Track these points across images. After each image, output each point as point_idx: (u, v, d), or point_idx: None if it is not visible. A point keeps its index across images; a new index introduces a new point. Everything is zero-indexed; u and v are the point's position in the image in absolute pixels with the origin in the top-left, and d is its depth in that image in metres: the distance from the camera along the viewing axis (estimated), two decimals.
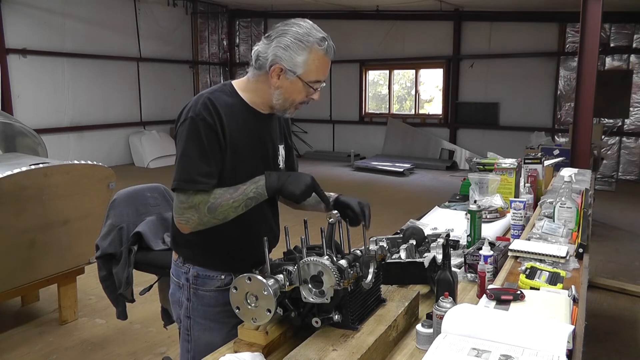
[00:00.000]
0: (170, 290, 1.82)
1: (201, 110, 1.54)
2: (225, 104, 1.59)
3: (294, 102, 1.63)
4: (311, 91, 1.63)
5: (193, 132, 1.53)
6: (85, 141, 10.18)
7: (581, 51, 4.80)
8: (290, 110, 1.66)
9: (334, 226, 1.48)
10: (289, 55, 1.55)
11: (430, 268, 1.75)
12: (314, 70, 1.58)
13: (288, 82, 1.58)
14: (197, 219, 1.54)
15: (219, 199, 1.53)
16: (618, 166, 9.60)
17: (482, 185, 2.70)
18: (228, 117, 1.58)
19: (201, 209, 1.52)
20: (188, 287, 1.71)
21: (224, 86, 1.68)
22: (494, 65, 10.59)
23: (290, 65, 1.56)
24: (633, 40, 9.31)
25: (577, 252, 1.92)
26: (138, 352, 3.32)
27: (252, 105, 1.66)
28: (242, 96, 1.65)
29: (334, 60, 1.64)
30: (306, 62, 1.56)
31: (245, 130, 1.63)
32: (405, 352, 1.42)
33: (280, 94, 1.61)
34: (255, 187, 1.55)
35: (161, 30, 11.65)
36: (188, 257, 1.72)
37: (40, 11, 9.34)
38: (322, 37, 1.57)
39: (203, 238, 1.65)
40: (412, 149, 11.40)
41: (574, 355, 1.21)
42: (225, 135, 1.57)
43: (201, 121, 1.53)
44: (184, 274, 1.72)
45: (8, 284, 3.25)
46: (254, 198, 1.56)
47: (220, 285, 1.69)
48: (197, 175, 1.52)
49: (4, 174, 3.07)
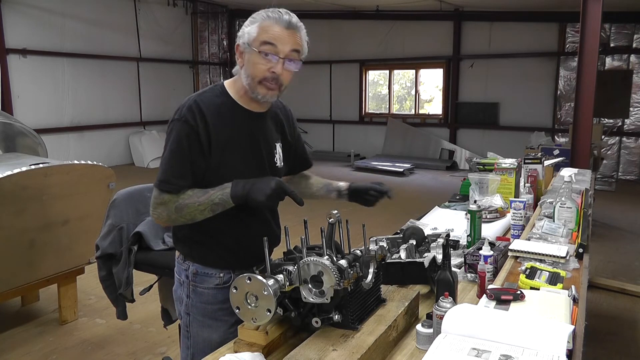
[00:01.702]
0: (174, 286, 1.84)
1: (185, 113, 1.57)
2: (212, 105, 1.61)
3: (255, 76, 1.59)
4: (267, 60, 1.57)
5: (174, 134, 1.58)
6: (85, 141, 10.18)
7: (581, 51, 4.80)
8: (259, 90, 1.61)
9: (334, 226, 1.48)
10: (242, 32, 1.60)
11: (430, 268, 1.75)
12: (262, 34, 1.57)
13: (247, 56, 1.60)
14: (166, 216, 1.60)
15: (187, 200, 1.58)
16: (618, 166, 9.60)
17: (482, 185, 2.70)
18: (215, 117, 1.59)
19: (170, 207, 1.58)
20: (188, 284, 1.73)
21: (215, 87, 1.69)
22: (494, 65, 10.59)
23: (243, 40, 1.59)
24: (633, 40, 9.31)
25: (577, 252, 1.92)
26: (138, 352, 3.32)
27: (242, 104, 1.67)
28: (232, 95, 1.67)
29: (334, 60, 1.64)
30: (255, 30, 1.57)
31: (235, 130, 1.64)
32: (405, 352, 1.42)
33: (244, 73, 1.62)
34: (221, 194, 1.57)
35: (161, 30, 11.65)
36: (187, 254, 1.74)
37: (40, 11, 9.34)
38: (273, 10, 1.59)
39: (201, 235, 1.68)
40: (412, 149, 11.40)
41: (574, 355, 1.21)
42: (211, 137, 1.58)
43: (183, 124, 1.57)
44: (184, 270, 1.74)
45: (8, 284, 3.24)
46: (220, 204, 1.57)
47: (219, 283, 1.70)
48: (170, 176, 1.58)
49: (4, 174, 3.07)
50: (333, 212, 1.51)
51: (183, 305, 1.76)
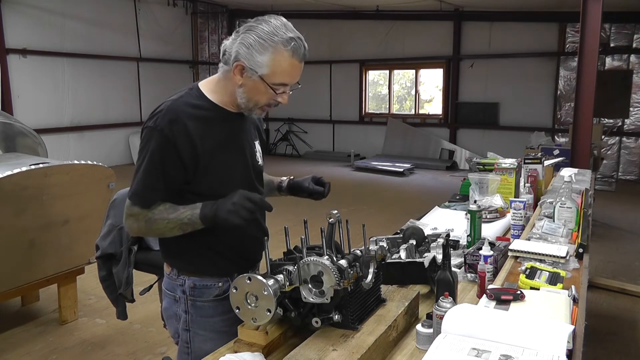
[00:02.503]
0: (164, 305, 1.74)
1: (160, 122, 1.50)
2: (190, 110, 1.54)
3: (257, 103, 1.56)
4: (276, 94, 1.54)
5: (149, 146, 1.51)
6: (85, 141, 10.19)
7: (581, 51, 4.80)
8: (256, 111, 1.59)
9: (333, 226, 1.48)
10: (250, 54, 1.48)
11: (430, 268, 1.75)
12: (279, 72, 1.50)
13: (250, 81, 1.51)
14: (136, 228, 1.56)
15: (157, 216, 1.53)
16: (618, 166, 9.60)
17: (482, 185, 2.70)
18: (194, 123, 1.52)
19: (140, 220, 1.54)
20: (185, 300, 1.65)
21: (191, 90, 1.61)
22: (494, 65, 10.59)
23: (251, 64, 1.48)
24: (633, 40, 9.31)
25: (577, 252, 1.92)
26: (138, 352, 3.32)
27: (222, 105, 1.60)
28: (210, 98, 1.59)
29: (334, 60, 1.63)
30: (269, 63, 1.48)
31: (219, 133, 1.58)
32: (405, 352, 1.42)
33: (243, 93, 1.54)
34: (190, 214, 1.51)
35: (161, 30, 11.65)
36: (182, 268, 1.66)
37: (40, 11, 9.34)
38: (289, 38, 1.47)
39: (195, 246, 1.62)
40: (412, 149, 11.41)
41: (574, 355, 1.21)
42: (196, 145, 1.51)
43: (159, 134, 1.49)
44: (179, 286, 1.66)
45: (8, 284, 3.25)
46: (189, 224, 1.52)
47: (219, 293, 1.64)
48: (142, 188, 1.53)
49: (4, 174, 3.07)
50: (333, 212, 1.51)
51: (181, 322, 1.68)
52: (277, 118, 12.69)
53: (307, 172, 1.78)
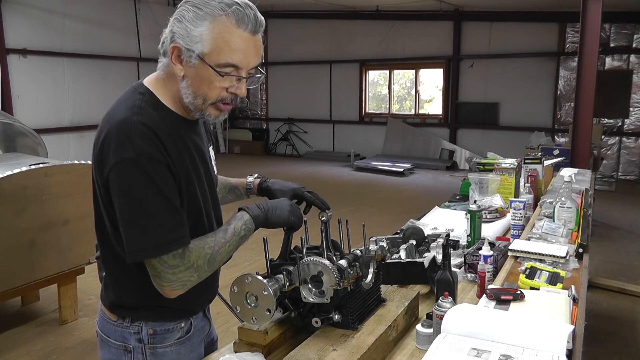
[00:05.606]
0: (105, 356, 1.42)
1: (142, 145, 1.17)
2: (158, 122, 1.23)
3: (206, 97, 1.23)
4: (227, 80, 1.21)
5: (144, 180, 1.17)
6: (85, 141, 10.18)
7: (581, 51, 4.81)
8: (209, 111, 1.26)
9: (327, 224, 1.48)
10: (185, 29, 1.19)
11: (430, 268, 1.75)
12: (223, 48, 1.18)
13: (192, 68, 1.21)
14: (196, 278, 1.26)
15: (215, 247, 1.28)
16: (618, 166, 9.61)
17: (482, 185, 2.70)
18: (165, 136, 1.22)
19: (200, 265, 1.25)
20: (142, 349, 1.37)
21: (143, 97, 1.26)
22: (494, 65, 10.60)
23: (187, 43, 1.19)
24: (633, 40, 9.31)
25: (577, 252, 1.92)
26: None
27: (179, 112, 1.30)
28: (165, 104, 1.28)
29: (334, 60, 1.57)
30: (207, 35, 1.17)
31: (187, 148, 1.30)
32: (405, 352, 1.42)
33: (187, 87, 1.23)
34: (243, 224, 1.33)
35: (161, 30, 11.62)
36: (138, 316, 1.37)
37: (40, 11, 9.35)
38: (231, 2, 1.18)
39: (153, 289, 1.27)
40: (412, 149, 11.41)
41: (574, 355, 1.21)
42: (174, 162, 1.23)
43: (147, 160, 1.17)
44: (134, 334, 1.37)
45: (8, 284, 3.24)
46: (245, 236, 1.34)
47: (182, 335, 1.41)
48: (171, 230, 1.20)
49: (4, 174, 3.07)
50: (326, 210, 1.51)
51: None
52: (277, 118, 12.69)
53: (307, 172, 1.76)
